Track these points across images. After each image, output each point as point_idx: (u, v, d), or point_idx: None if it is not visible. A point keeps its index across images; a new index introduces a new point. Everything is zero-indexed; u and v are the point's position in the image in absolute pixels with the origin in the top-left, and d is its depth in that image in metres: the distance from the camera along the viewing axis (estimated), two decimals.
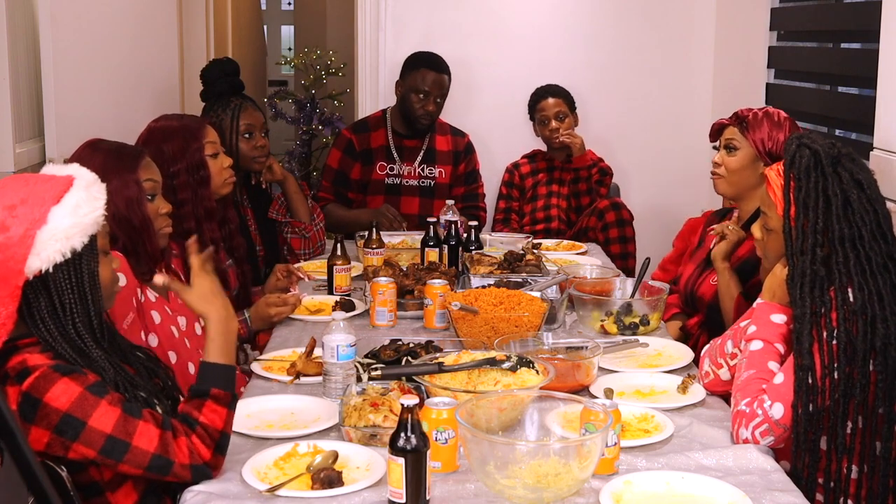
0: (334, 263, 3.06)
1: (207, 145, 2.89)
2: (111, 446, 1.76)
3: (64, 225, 1.77)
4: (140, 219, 2.34)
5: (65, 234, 1.78)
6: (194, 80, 4.16)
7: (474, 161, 4.36)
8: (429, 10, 4.72)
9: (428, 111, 4.13)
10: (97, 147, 2.37)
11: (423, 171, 4.22)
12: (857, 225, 2.05)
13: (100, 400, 1.76)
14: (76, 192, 1.81)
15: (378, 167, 4.18)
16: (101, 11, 3.70)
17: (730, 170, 2.85)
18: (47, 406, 1.74)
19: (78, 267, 1.82)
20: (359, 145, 4.18)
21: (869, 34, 3.17)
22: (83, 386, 1.76)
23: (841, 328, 2.00)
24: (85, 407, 1.75)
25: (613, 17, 4.78)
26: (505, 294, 2.66)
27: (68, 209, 1.78)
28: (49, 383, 1.75)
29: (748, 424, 2.02)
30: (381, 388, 2.14)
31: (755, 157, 2.82)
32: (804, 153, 2.10)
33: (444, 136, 4.30)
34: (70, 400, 1.74)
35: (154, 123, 2.91)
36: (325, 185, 4.20)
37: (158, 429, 1.79)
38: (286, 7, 10.64)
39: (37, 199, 1.77)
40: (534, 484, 1.72)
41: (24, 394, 1.75)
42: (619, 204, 4.17)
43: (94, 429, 1.75)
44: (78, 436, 1.75)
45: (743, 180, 2.85)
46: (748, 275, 2.79)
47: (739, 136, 2.84)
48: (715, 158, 2.90)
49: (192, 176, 2.82)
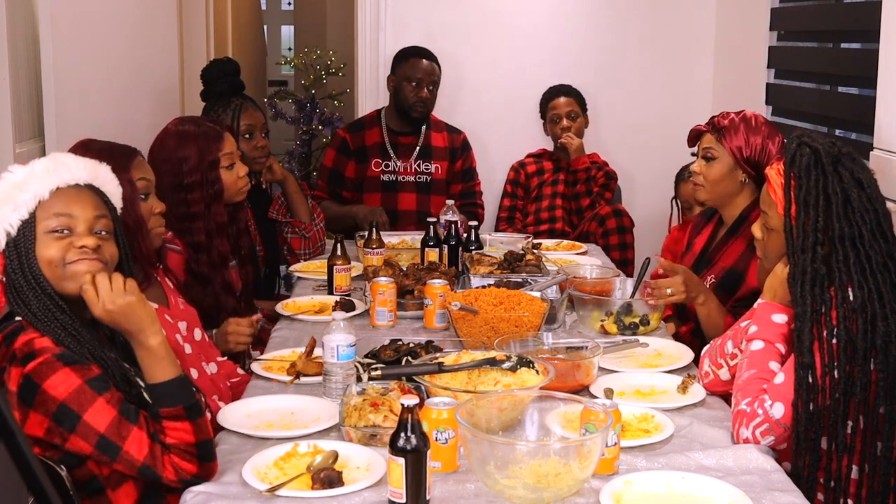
0: (334, 263, 3.06)
1: (224, 157, 2.90)
2: (105, 445, 1.77)
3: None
4: (134, 219, 2.33)
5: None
6: (194, 80, 4.16)
7: (471, 158, 4.36)
8: (429, 10, 4.73)
9: (421, 98, 4.14)
10: (89, 147, 2.37)
11: (420, 167, 4.22)
12: (857, 224, 2.05)
13: (97, 396, 1.76)
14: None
15: (373, 164, 4.19)
16: (101, 11, 3.70)
17: (709, 180, 2.85)
18: (45, 393, 1.76)
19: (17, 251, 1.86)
20: (353, 143, 4.19)
21: (869, 34, 3.17)
22: (83, 379, 1.77)
23: (841, 326, 2.00)
24: (81, 400, 1.76)
25: (613, 17, 4.79)
26: (505, 294, 2.66)
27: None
28: (51, 371, 1.76)
29: (748, 424, 2.02)
30: (381, 388, 2.14)
31: (733, 166, 2.81)
32: (805, 152, 2.10)
33: (439, 132, 4.30)
34: (68, 391, 1.75)
35: (172, 126, 2.90)
36: (321, 184, 4.23)
37: (149, 439, 1.79)
38: (286, 7, 10.64)
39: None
40: (534, 484, 1.72)
41: (25, 376, 1.77)
42: (621, 211, 4.18)
43: (88, 424, 1.76)
44: (74, 427, 1.76)
45: (722, 189, 2.85)
46: (734, 286, 2.78)
47: (716, 145, 2.83)
48: (693, 167, 2.89)
49: (206, 191, 2.84)
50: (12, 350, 1.80)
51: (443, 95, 4.65)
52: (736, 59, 4.55)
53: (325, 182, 4.22)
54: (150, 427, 1.80)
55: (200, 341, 2.53)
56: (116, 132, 2.93)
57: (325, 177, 4.23)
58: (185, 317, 2.48)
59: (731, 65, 4.63)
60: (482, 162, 4.48)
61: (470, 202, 4.29)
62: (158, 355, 1.84)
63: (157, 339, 1.84)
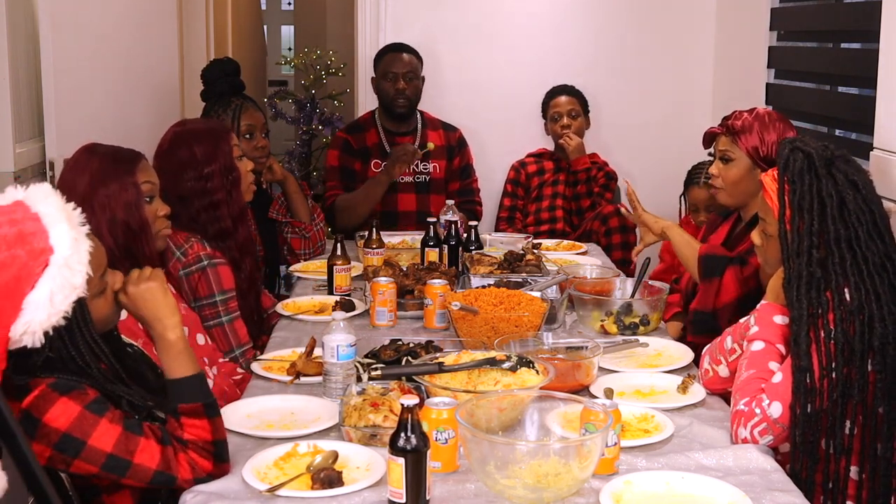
0: (334, 263, 3.06)
1: (235, 148, 2.92)
2: (113, 464, 1.75)
3: (39, 318, 1.47)
4: (138, 222, 2.34)
5: (39, 326, 1.48)
6: (194, 80, 4.16)
7: (468, 155, 4.35)
8: (429, 10, 4.72)
9: (399, 89, 4.13)
10: (94, 151, 2.37)
11: (418, 167, 4.22)
12: (853, 225, 2.05)
13: (99, 419, 1.75)
14: (51, 276, 1.48)
15: (373, 165, 4.18)
16: (101, 12, 3.70)
17: (728, 182, 2.81)
18: (46, 426, 1.73)
19: (68, 326, 1.71)
20: (356, 143, 4.19)
21: (869, 34, 3.16)
22: (82, 405, 1.75)
23: (838, 328, 2.00)
24: (84, 426, 1.73)
25: (612, 17, 4.78)
26: (505, 294, 2.66)
27: (43, 299, 1.47)
28: (48, 403, 1.73)
29: (747, 423, 2.02)
30: (381, 388, 2.14)
31: (751, 166, 2.78)
32: (797, 156, 2.11)
33: (435, 130, 4.29)
34: (69, 420, 1.73)
35: (179, 127, 2.92)
36: (332, 184, 4.16)
37: (159, 444, 1.78)
38: (286, 7, 10.64)
39: (7, 290, 1.46)
40: (534, 484, 1.72)
41: (23, 412, 1.73)
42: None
43: (95, 448, 1.74)
44: (78, 454, 1.74)
45: (743, 190, 2.81)
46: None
47: (732, 146, 2.79)
48: (712, 170, 2.86)
49: (226, 177, 2.85)
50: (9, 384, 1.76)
51: (443, 95, 4.66)
52: (736, 59, 4.55)
53: (338, 180, 4.14)
54: (158, 432, 1.80)
55: (203, 345, 2.53)
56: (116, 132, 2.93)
57: (335, 175, 4.16)
58: (186, 322, 2.48)
59: (731, 65, 4.63)
60: (482, 162, 4.48)
61: (468, 199, 4.27)
62: (178, 348, 1.86)
63: (176, 332, 1.87)
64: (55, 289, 1.48)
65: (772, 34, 4.16)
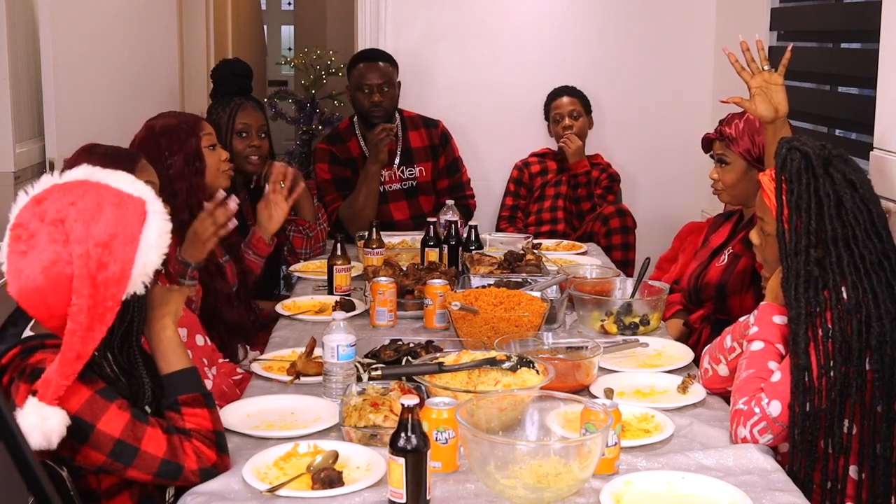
0: (334, 263, 3.06)
1: (204, 137, 2.91)
2: (120, 450, 1.75)
3: (152, 259, 1.77)
4: None
5: (153, 268, 1.78)
6: (194, 80, 4.17)
7: (453, 149, 4.25)
8: (429, 10, 4.72)
9: (374, 102, 4.03)
10: (93, 152, 2.37)
11: (403, 174, 4.15)
12: (850, 224, 2.06)
13: (109, 404, 1.76)
14: (154, 222, 1.78)
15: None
16: (101, 12, 3.70)
17: (727, 184, 2.97)
18: None
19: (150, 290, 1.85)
20: (340, 153, 4.10)
21: (869, 34, 3.16)
22: (93, 389, 1.76)
23: (836, 327, 2.00)
24: (94, 410, 1.74)
25: (612, 17, 4.78)
26: (505, 294, 2.66)
27: (152, 242, 1.77)
28: None
29: (746, 423, 2.02)
30: (381, 388, 2.14)
31: (747, 168, 2.91)
32: (795, 156, 2.12)
33: (416, 130, 4.21)
34: (79, 403, 1.73)
35: (152, 121, 2.92)
36: (331, 197, 4.05)
37: (165, 434, 1.79)
38: (286, 7, 10.65)
39: (126, 235, 1.74)
40: (534, 484, 1.72)
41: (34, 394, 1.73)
42: (625, 211, 4.18)
43: (103, 432, 1.74)
44: (87, 438, 1.74)
45: (741, 190, 2.95)
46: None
47: (727, 150, 2.95)
48: (711, 174, 3.01)
49: (189, 166, 2.84)
50: (25, 364, 1.78)
51: (443, 95, 4.66)
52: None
53: (335, 192, 4.05)
54: (164, 423, 1.81)
55: (203, 346, 2.53)
56: (116, 132, 2.93)
57: (331, 188, 4.06)
58: (185, 323, 2.48)
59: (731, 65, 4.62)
60: (482, 162, 4.48)
61: (459, 195, 4.18)
62: (173, 343, 1.90)
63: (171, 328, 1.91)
64: (160, 232, 1.78)
65: (772, 34, 4.16)
